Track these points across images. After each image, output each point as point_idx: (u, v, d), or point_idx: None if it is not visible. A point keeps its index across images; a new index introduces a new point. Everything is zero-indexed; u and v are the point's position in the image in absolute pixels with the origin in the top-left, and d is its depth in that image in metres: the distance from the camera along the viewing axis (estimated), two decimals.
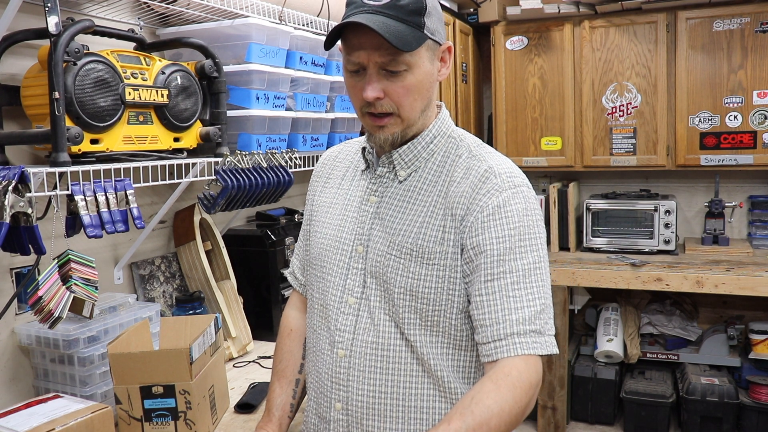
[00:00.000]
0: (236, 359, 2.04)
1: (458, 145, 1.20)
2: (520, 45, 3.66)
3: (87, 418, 1.29)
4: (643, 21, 3.38)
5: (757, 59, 3.20)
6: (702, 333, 3.56)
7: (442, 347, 1.14)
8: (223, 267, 2.15)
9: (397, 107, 1.12)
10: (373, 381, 1.15)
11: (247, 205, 1.94)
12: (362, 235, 1.20)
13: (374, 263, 1.17)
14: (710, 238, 3.48)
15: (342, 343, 1.18)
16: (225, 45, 1.91)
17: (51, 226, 1.39)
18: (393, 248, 1.15)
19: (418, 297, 1.12)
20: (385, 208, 1.19)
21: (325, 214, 1.29)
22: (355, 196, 1.24)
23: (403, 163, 1.19)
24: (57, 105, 1.33)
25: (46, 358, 1.59)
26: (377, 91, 1.10)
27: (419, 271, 1.12)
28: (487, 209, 1.10)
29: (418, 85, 1.12)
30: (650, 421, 3.32)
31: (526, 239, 1.10)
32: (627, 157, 3.50)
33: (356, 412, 1.16)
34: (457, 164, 1.17)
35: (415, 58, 1.10)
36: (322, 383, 1.22)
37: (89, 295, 1.44)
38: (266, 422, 1.36)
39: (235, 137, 1.95)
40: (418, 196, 1.17)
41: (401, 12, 1.07)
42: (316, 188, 1.37)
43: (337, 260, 1.22)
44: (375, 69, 1.10)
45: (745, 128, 3.25)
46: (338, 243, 1.23)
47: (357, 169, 1.29)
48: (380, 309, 1.15)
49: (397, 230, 1.16)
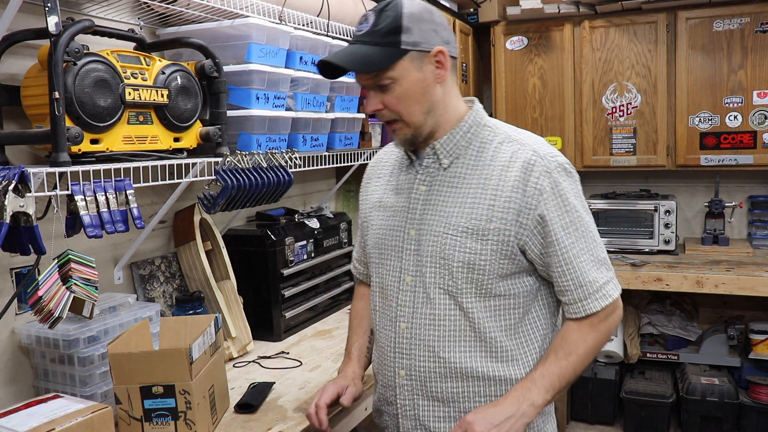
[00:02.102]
0: (236, 359, 2.04)
1: (494, 132, 1.35)
2: (520, 45, 3.66)
3: (87, 418, 1.29)
4: (643, 21, 3.38)
5: (757, 59, 3.20)
6: (702, 333, 3.56)
7: (494, 310, 1.31)
8: (223, 267, 2.15)
9: (397, 114, 1.30)
10: (432, 348, 1.32)
11: (247, 205, 1.94)
12: (414, 221, 1.35)
13: (431, 243, 1.32)
14: (710, 238, 3.48)
15: (403, 317, 1.35)
16: (225, 45, 1.90)
17: (51, 226, 1.39)
18: (449, 228, 1.30)
19: (475, 269, 1.28)
20: (434, 195, 1.34)
21: (378, 208, 1.46)
22: (404, 188, 1.40)
23: (445, 152, 1.34)
24: (57, 105, 1.33)
25: (46, 358, 1.59)
26: (375, 104, 1.30)
27: (475, 246, 1.27)
28: (545, 191, 1.26)
29: (407, 92, 1.27)
30: (650, 421, 3.32)
31: (580, 208, 1.29)
32: (627, 157, 3.50)
33: (419, 376, 1.34)
34: (501, 149, 1.31)
35: (398, 71, 1.25)
36: (385, 355, 1.40)
37: (89, 295, 1.44)
38: (347, 363, 1.55)
39: (235, 137, 1.95)
40: (464, 180, 1.32)
41: (377, 36, 1.24)
42: (367, 188, 1.54)
43: (393, 245, 1.39)
44: (369, 86, 1.29)
45: (745, 128, 3.25)
46: (392, 230, 1.39)
47: (402, 165, 1.44)
48: (434, 284, 1.31)
49: (451, 212, 1.31)
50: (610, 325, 1.32)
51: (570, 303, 1.30)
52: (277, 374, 1.90)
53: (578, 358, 1.29)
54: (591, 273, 1.28)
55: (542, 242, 1.28)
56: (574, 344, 1.29)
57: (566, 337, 1.30)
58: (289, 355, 2.08)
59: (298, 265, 2.31)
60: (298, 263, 2.31)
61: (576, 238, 1.27)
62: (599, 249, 1.31)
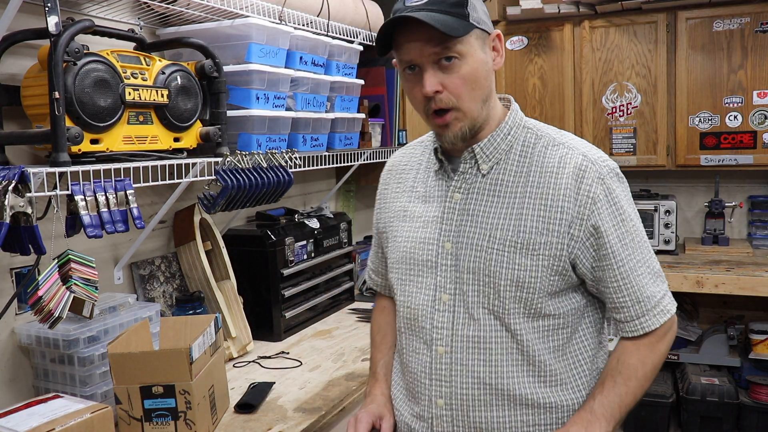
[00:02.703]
0: (236, 359, 2.04)
1: (536, 134, 1.23)
2: (520, 45, 3.66)
3: (87, 418, 1.29)
4: (643, 21, 3.38)
5: (757, 59, 3.20)
6: (702, 333, 3.56)
7: (542, 331, 1.19)
8: (223, 267, 2.15)
9: (456, 99, 1.14)
10: (476, 373, 1.19)
11: (247, 205, 1.94)
12: (450, 232, 1.22)
13: (473, 258, 1.19)
14: (710, 238, 3.48)
15: (441, 340, 1.21)
16: (225, 45, 1.90)
17: (51, 226, 1.39)
18: (494, 242, 1.17)
19: (524, 287, 1.16)
20: (473, 204, 1.21)
21: (403, 218, 1.31)
22: (434, 196, 1.26)
23: (485, 156, 1.21)
24: (57, 105, 1.33)
25: (46, 358, 1.59)
26: (435, 84, 1.12)
27: (525, 262, 1.15)
28: (599, 199, 1.15)
29: (473, 73, 1.14)
30: (650, 421, 3.31)
31: (634, 217, 1.20)
32: (627, 157, 3.50)
33: (461, 405, 1.20)
34: (546, 154, 1.20)
35: (466, 47, 1.12)
36: (418, 382, 1.25)
37: (89, 295, 1.44)
38: (374, 384, 1.41)
39: (235, 137, 1.95)
40: (507, 188, 1.20)
41: (444, 5, 1.10)
42: (387, 196, 1.39)
43: (425, 260, 1.24)
44: (429, 63, 1.12)
45: (745, 128, 3.25)
46: (423, 243, 1.25)
47: (429, 170, 1.30)
48: (478, 303, 1.19)
49: (494, 224, 1.18)
50: (668, 343, 1.22)
51: (627, 321, 1.20)
52: (277, 374, 1.90)
53: (638, 383, 1.18)
54: (649, 287, 1.18)
55: (595, 255, 1.17)
56: (633, 368, 1.18)
57: (623, 361, 1.19)
58: (289, 355, 2.08)
59: (298, 265, 2.31)
60: (298, 263, 2.31)
61: (632, 249, 1.17)
62: (654, 260, 1.21)
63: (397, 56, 1.17)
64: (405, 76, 1.18)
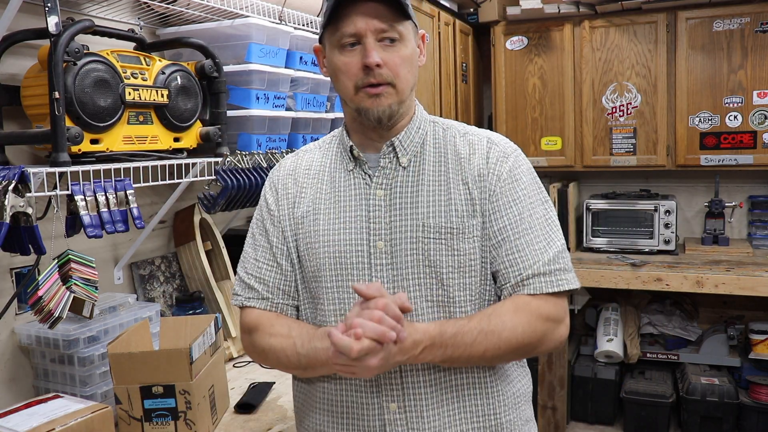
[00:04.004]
0: (236, 359, 2.04)
1: (443, 127, 1.28)
2: (520, 45, 3.66)
3: (87, 418, 1.29)
4: (643, 21, 3.38)
5: (757, 59, 3.20)
6: (702, 333, 3.56)
7: None
8: (223, 267, 2.15)
9: (394, 77, 1.16)
10: (427, 371, 1.16)
11: (247, 205, 1.94)
12: (380, 231, 1.18)
13: (410, 252, 1.16)
14: (710, 238, 3.48)
15: None
16: (225, 45, 1.90)
17: (51, 226, 1.39)
18: (429, 231, 1.17)
19: (466, 271, 1.16)
20: (398, 198, 1.19)
21: (316, 224, 1.22)
22: (350, 195, 1.22)
23: (404, 149, 1.22)
24: (57, 105, 1.33)
25: (46, 358, 1.59)
26: (377, 58, 1.13)
27: (463, 246, 1.16)
28: (503, 175, 1.20)
29: (411, 57, 1.19)
30: (650, 421, 3.32)
31: (538, 193, 1.22)
32: (627, 157, 3.50)
33: (415, 405, 1.16)
34: (456, 143, 1.24)
35: (407, 31, 1.17)
36: (361, 394, 1.18)
37: (89, 295, 1.44)
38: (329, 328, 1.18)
39: (235, 137, 1.95)
40: (429, 177, 1.21)
41: None
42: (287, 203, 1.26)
43: (356, 263, 1.18)
44: (373, 38, 1.14)
45: (745, 128, 3.25)
46: (350, 246, 1.19)
47: (340, 170, 1.25)
48: (421, 297, 1.16)
49: (425, 213, 1.18)
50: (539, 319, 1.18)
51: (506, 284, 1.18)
52: (277, 374, 1.90)
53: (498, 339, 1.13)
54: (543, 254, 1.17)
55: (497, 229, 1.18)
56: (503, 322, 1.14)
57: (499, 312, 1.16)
58: None
59: None
60: None
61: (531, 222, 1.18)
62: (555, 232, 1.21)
63: (339, 30, 1.15)
64: (342, 52, 1.16)
